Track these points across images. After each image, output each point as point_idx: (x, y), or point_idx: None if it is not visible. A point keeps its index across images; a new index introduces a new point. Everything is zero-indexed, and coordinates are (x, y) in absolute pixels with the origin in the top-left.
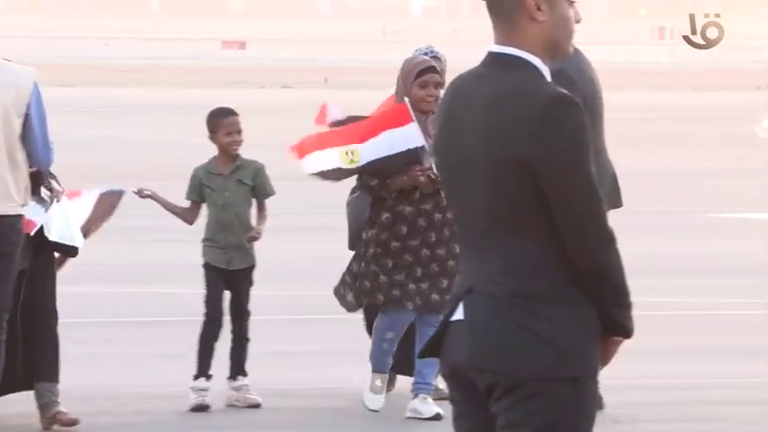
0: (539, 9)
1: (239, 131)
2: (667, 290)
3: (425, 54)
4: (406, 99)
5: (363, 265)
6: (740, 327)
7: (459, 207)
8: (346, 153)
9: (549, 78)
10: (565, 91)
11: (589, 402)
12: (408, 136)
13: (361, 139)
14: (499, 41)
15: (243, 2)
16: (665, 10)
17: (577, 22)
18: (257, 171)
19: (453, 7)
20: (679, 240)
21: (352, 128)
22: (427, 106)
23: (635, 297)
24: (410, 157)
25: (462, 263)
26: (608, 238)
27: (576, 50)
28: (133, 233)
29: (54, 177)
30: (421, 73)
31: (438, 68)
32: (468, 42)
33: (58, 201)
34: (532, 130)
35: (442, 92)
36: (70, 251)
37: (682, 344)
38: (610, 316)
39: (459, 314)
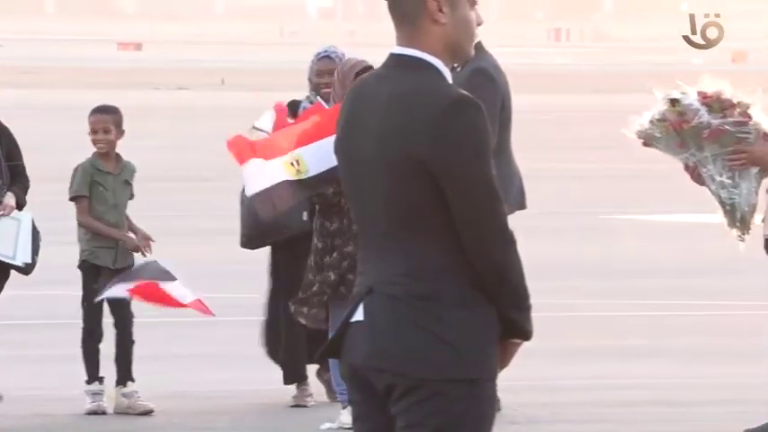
0: (440, 11)
1: (106, 130)
2: (567, 291)
3: (327, 54)
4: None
5: (319, 275)
6: (637, 328)
7: (361, 208)
8: (291, 163)
9: (450, 80)
10: (466, 92)
11: (488, 403)
12: None
13: (301, 144)
14: (401, 43)
15: (135, 2)
16: (561, 12)
17: (479, 24)
18: (133, 173)
19: (350, 9)
20: (574, 242)
21: (289, 132)
22: None
23: (535, 299)
24: None
25: (363, 263)
26: (507, 240)
27: (487, 51)
28: None
29: (16, 190)
30: (360, 73)
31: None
32: (365, 44)
33: (5, 214)
34: (433, 131)
35: None
36: (16, 268)
37: (580, 345)
38: (509, 318)
39: (359, 315)
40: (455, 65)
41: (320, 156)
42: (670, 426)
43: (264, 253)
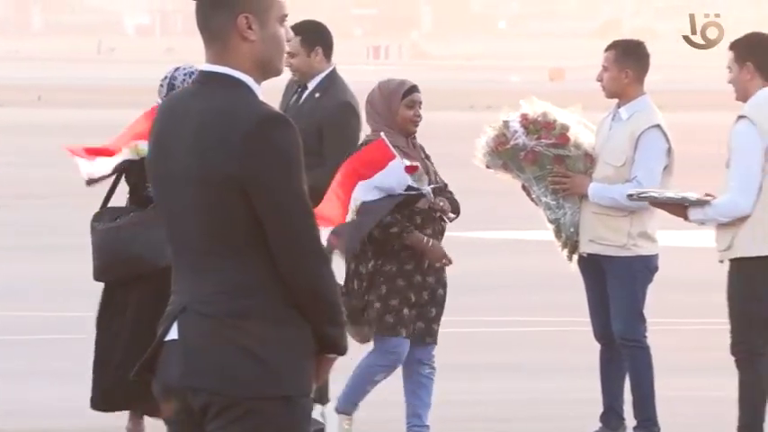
0: (250, 28)
1: None
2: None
3: (188, 72)
4: (382, 134)
5: (367, 297)
6: (498, 343)
7: (174, 226)
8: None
9: (260, 97)
10: (277, 109)
11: (303, 420)
12: (395, 176)
13: (351, 190)
14: (211, 60)
15: None
16: (380, 30)
17: (288, 40)
18: None
19: (168, 26)
20: None
21: (336, 192)
22: (413, 127)
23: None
24: (408, 196)
25: (178, 282)
26: (321, 257)
27: (342, 79)
28: None
29: None
30: (408, 92)
31: None
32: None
33: None
34: (244, 149)
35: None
36: None
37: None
38: (324, 334)
39: (173, 334)
40: (309, 89)
41: (366, 192)
42: None
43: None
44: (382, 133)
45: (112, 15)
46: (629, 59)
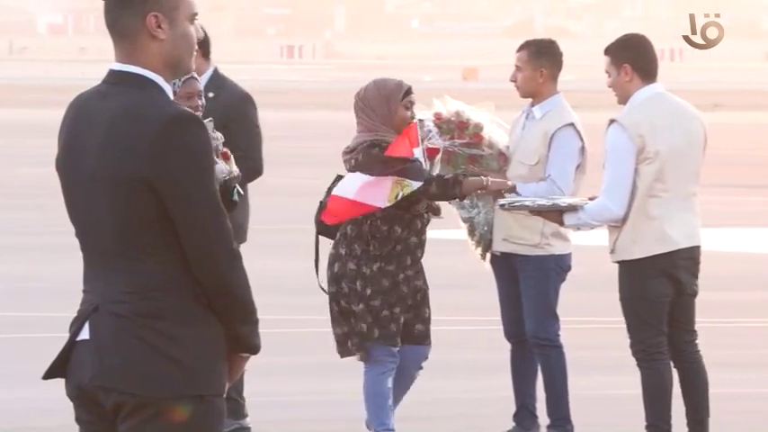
0: (159, 27)
1: None
2: (298, 307)
3: (192, 76)
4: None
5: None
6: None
7: (85, 225)
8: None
9: (171, 96)
10: (187, 109)
11: (217, 419)
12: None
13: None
14: (121, 59)
15: None
16: (293, 29)
17: (198, 39)
18: None
19: (80, 25)
20: (304, 258)
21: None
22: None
23: (264, 314)
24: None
25: (89, 281)
26: (233, 255)
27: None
28: None
29: None
30: (406, 93)
31: None
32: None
33: None
34: (155, 149)
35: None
36: None
37: (279, 361)
38: (236, 333)
39: (84, 334)
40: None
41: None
42: None
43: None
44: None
45: (25, 15)
46: (542, 58)
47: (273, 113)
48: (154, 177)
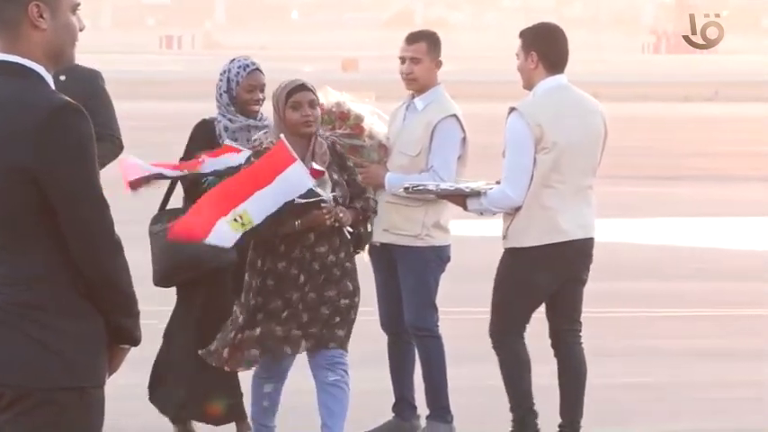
0: (41, 17)
1: None
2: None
3: (257, 67)
4: (282, 135)
5: (245, 315)
6: None
7: None
8: (235, 219)
9: (53, 86)
10: (70, 99)
11: (97, 411)
12: (296, 180)
13: (244, 197)
14: (2, 49)
15: None
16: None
17: (81, 29)
18: None
19: None
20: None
21: (227, 187)
22: (306, 128)
23: (145, 306)
24: (307, 203)
25: None
26: (115, 247)
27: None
28: None
29: None
30: (290, 94)
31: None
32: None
33: None
34: (37, 139)
35: (318, 111)
36: None
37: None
38: (118, 325)
39: None
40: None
41: (263, 205)
42: None
43: None
44: (282, 135)
45: None
46: (438, 50)
47: (154, 104)
48: (35, 168)
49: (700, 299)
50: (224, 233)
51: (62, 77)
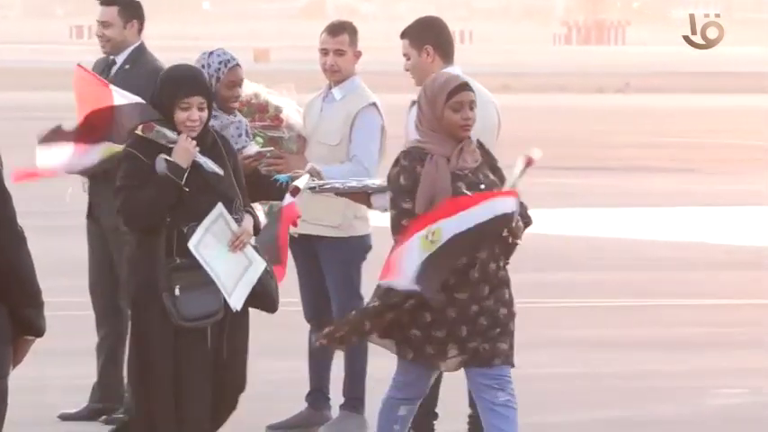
0: None
1: None
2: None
3: (237, 63)
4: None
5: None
6: None
7: None
8: (426, 237)
9: None
10: None
11: (1, 400)
12: (499, 203)
13: (447, 214)
14: None
15: None
16: (82, 9)
17: None
18: None
19: None
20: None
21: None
22: (464, 132)
23: (52, 298)
24: (500, 222)
25: None
26: (18, 237)
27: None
28: None
29: None
30: (452, 94)
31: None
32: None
33: None
34: None
35: (475, 113)
36: None
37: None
38: (22, 316)
39: None
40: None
41: (459, 222)
42: None
43: None
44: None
45: None
46: (356, 41)
47: (65, 95)
48: None
49: (615, 289)
50: (410, 258)
51: (127, 66)
